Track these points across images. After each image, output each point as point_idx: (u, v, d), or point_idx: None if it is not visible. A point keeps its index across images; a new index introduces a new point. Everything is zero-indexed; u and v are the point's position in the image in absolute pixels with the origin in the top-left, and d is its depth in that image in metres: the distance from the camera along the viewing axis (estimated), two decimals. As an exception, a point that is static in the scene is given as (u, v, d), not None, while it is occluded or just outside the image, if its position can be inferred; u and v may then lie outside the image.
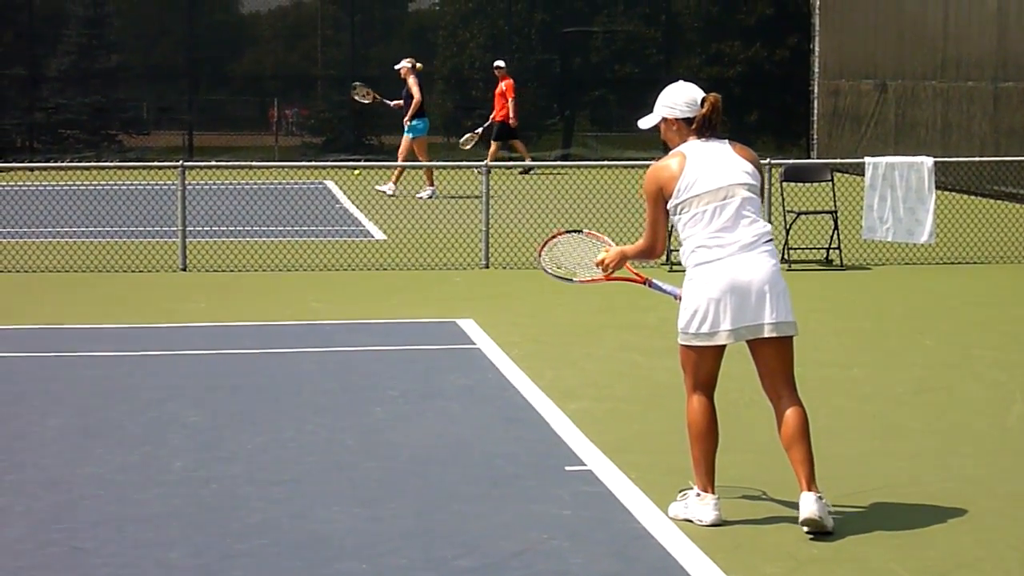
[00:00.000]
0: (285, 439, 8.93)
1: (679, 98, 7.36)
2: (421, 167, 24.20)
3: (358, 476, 8.13)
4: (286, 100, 35.25)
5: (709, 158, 7.25)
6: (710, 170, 7.22)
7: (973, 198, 22.83)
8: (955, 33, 26.85)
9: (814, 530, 7.01)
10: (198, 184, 22.41)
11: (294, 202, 23.33)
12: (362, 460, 8.47)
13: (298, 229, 20.19)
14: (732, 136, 7.52)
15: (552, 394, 10.07)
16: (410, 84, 24.87)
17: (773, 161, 17.84)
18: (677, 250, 7.84)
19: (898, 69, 29.08)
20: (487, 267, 16.91)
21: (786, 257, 16.60)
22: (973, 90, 26.18)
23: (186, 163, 17.94)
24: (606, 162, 26.35)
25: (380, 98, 25.60)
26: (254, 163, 22.47)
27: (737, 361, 7.74)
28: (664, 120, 7.41)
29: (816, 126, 32.90)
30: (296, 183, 27.48)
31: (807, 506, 7.01)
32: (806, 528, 7.02)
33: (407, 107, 24.90)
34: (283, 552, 6.83)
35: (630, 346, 11.96)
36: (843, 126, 31.45)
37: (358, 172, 27.89)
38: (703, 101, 7.32)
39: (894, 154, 21.97)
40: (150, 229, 19.76)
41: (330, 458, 8.51)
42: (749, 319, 7.15)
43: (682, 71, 33.47)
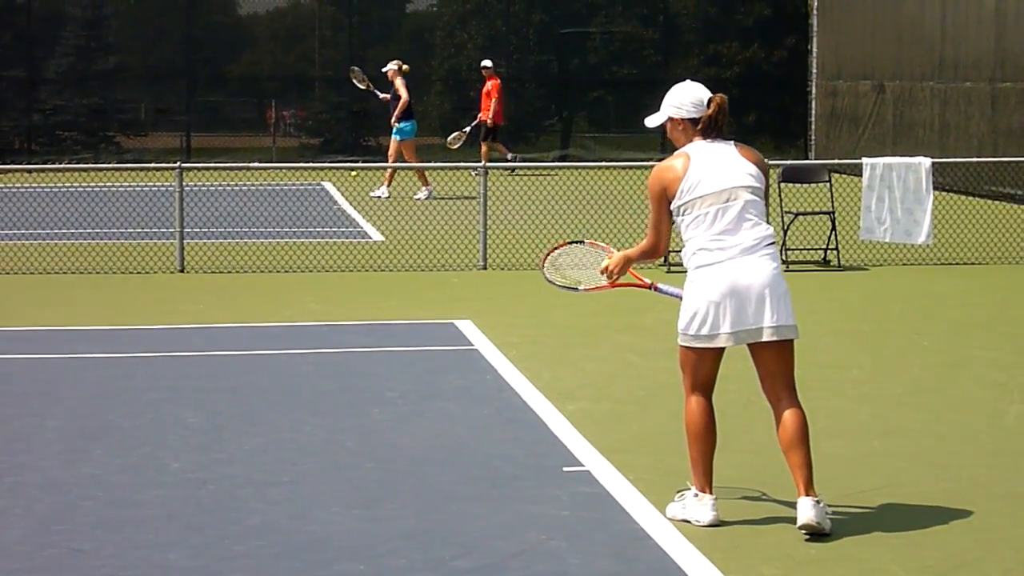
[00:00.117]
0: (284, 440, 8.93)
1: (685, 98, 7.35)
2: (412, 168, 24.20)
3: (357, 477, 8.13)
4: (284, 101, 35.24)
5: (713, 159, 7.24)
6: (714, 172, 7.21)
7: (971, 199, 22.84)
8: (953, 34, 26.86)
9: (812, 534, 7.02)
10: (196, 185, 22.43)
11: (292, 203, 23.33)
12: (361, 461, 8.47)
13: (296, 230, 20.19)
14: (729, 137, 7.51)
15: (550, 395, 10.07)
16: (397, 85, 24.99)
17: (771, 162, 17.81)
18: (676, 251, 7.83)
19: (896, 70, 29.10)
20: (485, 268, 16.91)
21: (784, 258, 16.60)
22: (971, 91, 26.19)
23: (184, 164, 17.95)
24: (604, 163, 26.37)
25: (373, 87, 25.66)
26: (252, 164, 22.46)
27: (735, 361, 7.74)
28: (670, 119, 7.40)
29: (814, 127, 32.91)
30: (294, 184, 27.48)
31: (804, 511, 7.01)
32: (804, 532, 7.02)
33: (394, 108, 24.98)
34: (282, 553, 6.84)
35: (628, 347, 11.96)
36: (841, 127, 31.46)
37: (355, 174, 27.89)
38: (709, 102, 7.32)
39: (892, 155, 21.94)
40: (148, 231, 19.76)
41: (329, 459, 8.51)
42: (749, 323, 7.14)
43: (680, 72, 33.49)
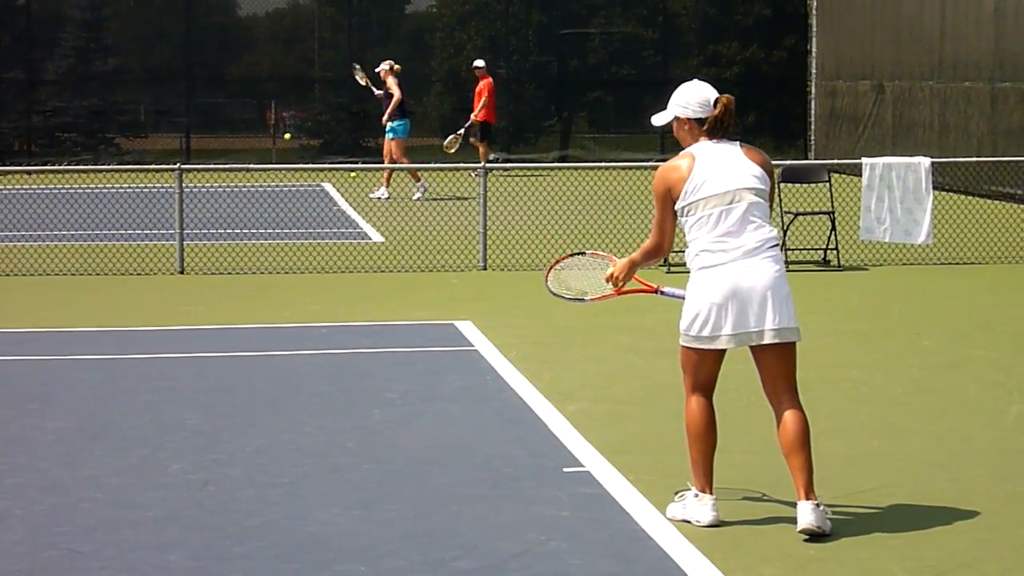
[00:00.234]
0: (283, 441, 8.93)
1: (692, 98, 7.32)
2: (402, 169, 24.20)
3: (356, 478, 8.13)
4: (283, 103, 35.24)
5: (718, 161, 7.22)
6: (718, 173, 7.19)
7: (970, 198, 22.84)
8: (952, 34, 26.85)
9: (812, 536, 7.01)
10: (195, 187, 22.43)
11: (291, 204, 23.32)
12: (360, 462, 8.46)
13: (295, 231, 20.19)
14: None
15: (550, 396, 10.07)
16: (390, 84, 25.10)
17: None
18: (677, 251, 7.82)
19: (895, 70, 29.09)
20: (485, 269, 16.91)
21: (783, 258, 16.58)
22: (970, 90, 26.19)
23: (183, 166, 17.95)
24: (603, 163, 26.37)
25: (371, 85, 25.72)
26: (251, 166, 22.45)
27: (736, 362, 7.74)
28: (676, 119, 7.39)
29: (813, 127, 32.92)
30: (293, 185, 27.47)
31: (804, 515, 7.01)
32: (804, 536, 7.02)
33: (386, 107, 25.07)
34: (281, 554, 6.83)
35: (628, 347, 11.95)
36: (840, 127, 31.46)
37: (354, 175, 27.89)
38: (716, 102, 7.30)
39: (891, 155, 21.95)
40: (147, 232, 19.76)
41: (328, 460, 8.51)
42: (751, 325, 7.13)
43: (679, 72, 33.48)
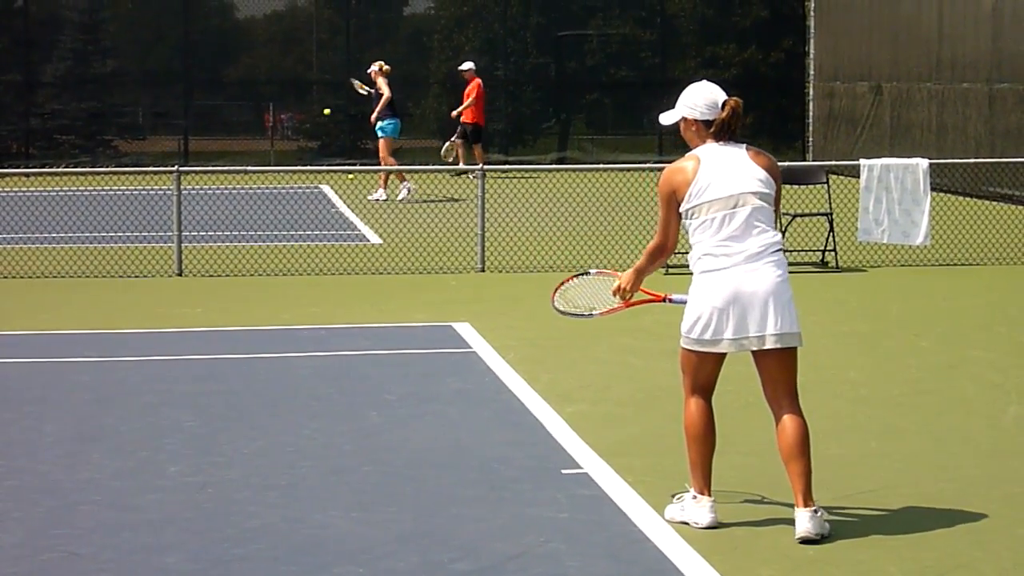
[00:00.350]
0: (282, 443, 8.93)
1: (699, 99, 7.30)
2: (390, 171, 24.19)
3: (355, 480, 8.13)
4: (281, 105, 35.24)
5: (723, 164, 7.20)
6: (722, 177, 7.17)
7: (969, 200, 22.84)
8: (950, 35, 26.86)
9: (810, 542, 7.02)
10: (194, 189, 22.44)
11: (290, 206, 23.32)
12: (359, 464, 8.47)
13: (294, 233, 20.19)
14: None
15: (548, 397, 10.07)
16: (380, 85, 25.13)
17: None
18: (679, 252, 7.80)
19: (893, 71, 29.10)
20: (483, 271, 16.91)
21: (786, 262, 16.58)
22: (968, 91, 26.20)
23: (181, 168, 17.96)
24: (602, 165, 26.36)
25: (367, 89, 25.78)
26: (249, 168, 22.46)
27: (735, 363, 7.73)
28: (683, 119, 7.37)
29: (811, 128, 32.92)
30: (292, 187, 27.47)
31: (802, 523, 7.00)
32: (802, 543, 7.01)
33: (377, 105, 25.16)
34: (280, 556, 6.83)
35: (626, 349, 11.95)
36: (838, 128, 31.47)
37: (352, 177, 27.90)
38: (724, 104, 7.27)
39: (889, 156, 21.97)
40: (146, 234, 19.75)
41: (327, 462, 8.51)
42: (752, 330, 7.12)
43: (677, 74, 33.50)
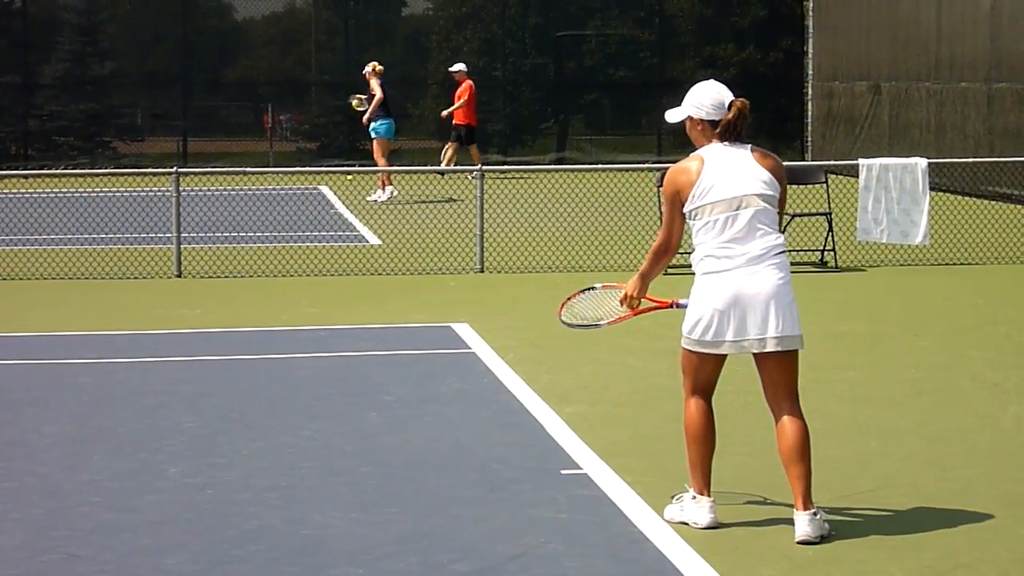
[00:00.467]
0: (281, 445, 8.93)
1: (706, 99, 7.27)
2: (377, 171, 24.21)
3: (354, 481, 8.13)
4: (280, 106, 35.24)
5: (727, 165, 7.18)
6: (726, 178, 7.15)
7: (967, 199, 22.83)
8: (948, 34, 26.87)
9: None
10: (193, 190, 22.43)
11: (289, 207, 23.32)
12: (358, 465, 8.47)
13: (293, 235, 20.18)
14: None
15: (548, 398, 10.07)
16: (372, 86, 25.14)
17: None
18: (680, 252, 7.79)
19: (892, 71, 29.10)
20: (482, 271, 16.90)
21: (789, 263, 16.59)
22: (967, 91, 26.20)
23: (180, 169, 17.95)
24: (601, 165, 26.36)
25: (364, 100, 25.76)
26: (248, 169, 22.46)
27: (734, 364, 7.72)
28: (689, 118, 7.36)
29: (810, 128, 32.92)
30: (290, 188, 27.47)
31: (802, 526, 7.00)
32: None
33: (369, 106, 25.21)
34: (279, 557, 6.83)
35: (625, 349, 11.95)
36: (837, 128, 31.47)
37: (351, 178, 27.90)
38: (730, 105, 7.25)
39: (888, 155, 21.97)
40: (145, 236, 19.75)
41: (326, 463, 8.51)
42: (753, 332, 7.11)
43: (676, 74, 33.52)
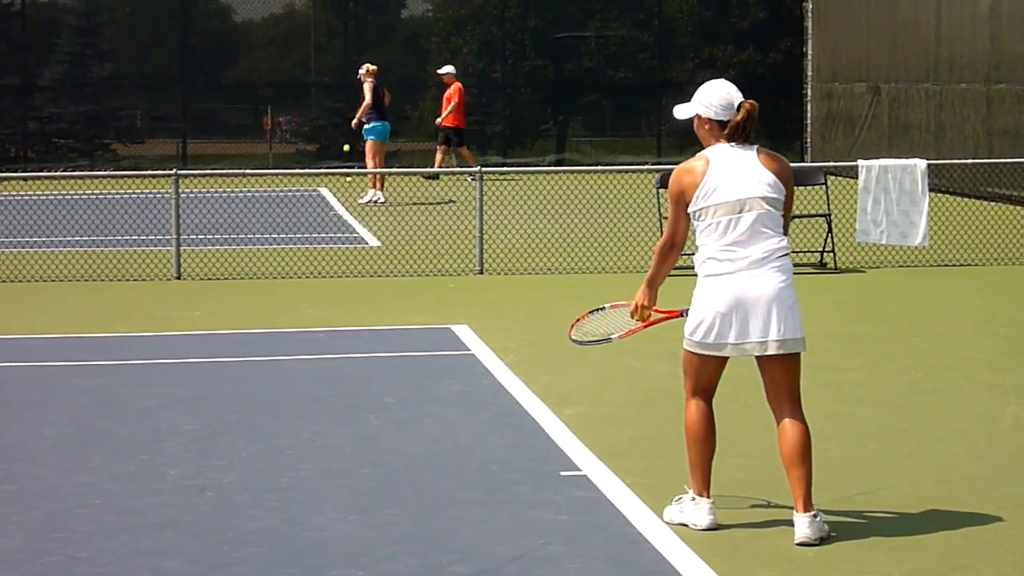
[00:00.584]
0: (280, 446, 8.93)
1: (715, 98, 7.25)
2: (369, 173, 24.21)
3: (354, 483, 8.13)
4: (280, 108, 35.24)
5: (732, 167, 7.16)
6: (730, 180, 7.13)
7: (967, 200, 22.83)
8: (948, 35, 26.87)
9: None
10: (192, 192, 22.43)
11: (288, 209, 23.32)
12: (357, 467, 8.47)
13: (292, 236, 20.18)
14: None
15: (547, 399, 10.07)
16: (365, 90, 25.17)
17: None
18: (683, 254, 7.79)
19: (891, 72, 29.11)
20: (481, 273, 16.90)
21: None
22: (966, 92, 26.21)
23: (180, 171, 17.96)
24: (600, 167, 26.37)
25: (354, 126, 25.83)
26: (248, 171, 22.47)
27: (734, 365, 7.72)
28: (697, 116, 7.34)
29: (809, 129, 32.93)
30: (290, 190, 27.48)
31: (801, 529, 7.01)
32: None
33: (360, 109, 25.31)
34: (279, 559, 6.83)
35: (625, 351, 11.92)
36: (836, 129, 31.47)
37: (350, 180, 27.92)
38: (739, 106, 7.24)
39: (888, 156, 21.97)
40: (144, 238, 19.76)
41: (325, 465, 8.51)
42: (755, 335, 7.10)
43: (675, 75, 33.54)
